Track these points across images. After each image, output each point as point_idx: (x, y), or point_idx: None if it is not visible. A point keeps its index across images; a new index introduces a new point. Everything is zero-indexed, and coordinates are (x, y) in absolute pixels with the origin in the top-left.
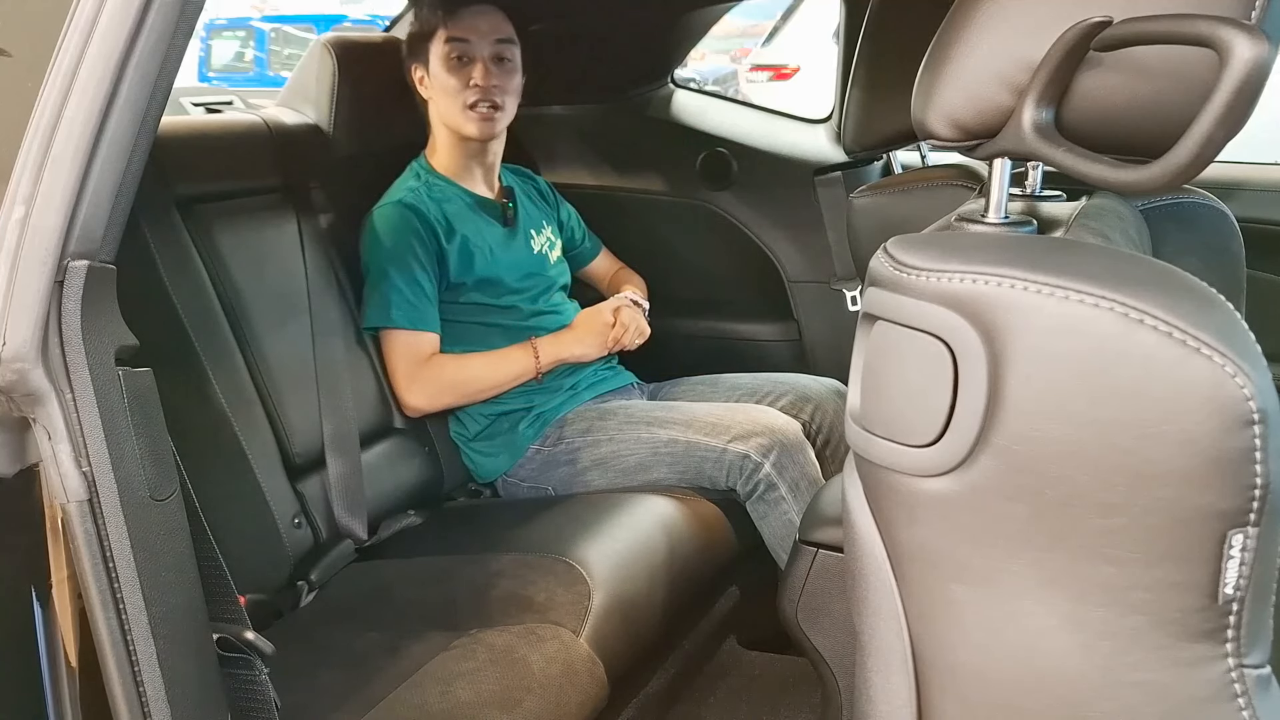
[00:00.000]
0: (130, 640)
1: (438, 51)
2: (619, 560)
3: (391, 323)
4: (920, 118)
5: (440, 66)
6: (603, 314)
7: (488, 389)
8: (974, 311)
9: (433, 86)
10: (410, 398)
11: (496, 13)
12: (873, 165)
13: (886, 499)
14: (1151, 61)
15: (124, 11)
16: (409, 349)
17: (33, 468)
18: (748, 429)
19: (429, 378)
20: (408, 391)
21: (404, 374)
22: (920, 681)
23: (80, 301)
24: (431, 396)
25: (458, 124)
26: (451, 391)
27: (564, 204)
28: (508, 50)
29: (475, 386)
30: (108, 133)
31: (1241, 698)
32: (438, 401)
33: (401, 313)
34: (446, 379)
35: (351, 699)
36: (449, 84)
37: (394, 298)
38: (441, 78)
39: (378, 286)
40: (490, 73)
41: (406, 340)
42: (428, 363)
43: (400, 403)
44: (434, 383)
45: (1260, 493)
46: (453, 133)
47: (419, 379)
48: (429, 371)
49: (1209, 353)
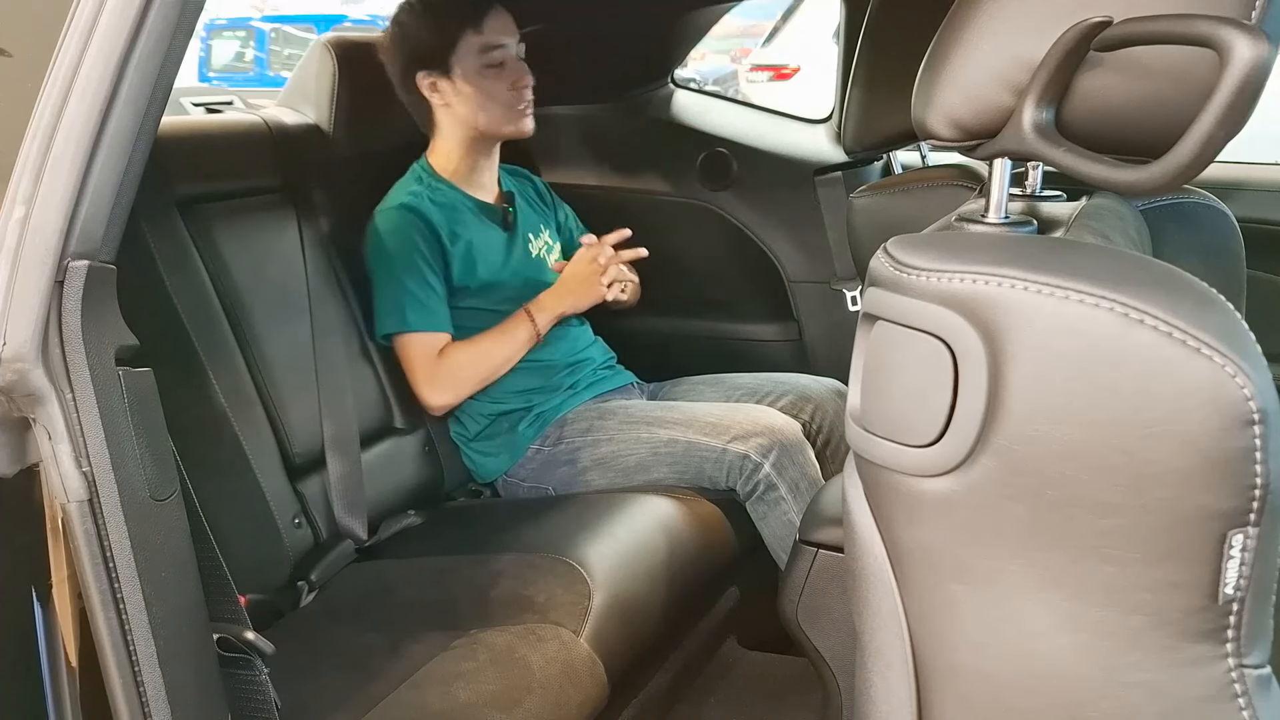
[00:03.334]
0: (130, 640)
1: (471, 58)
2: (619, 560)
3: (407, 326)
4: (920, 118)
5: (476, 73)
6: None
7: (500, 365)
8: (974, 311)
9: (458, 92)
10: (433, 398)
11: (505, 11)
12: (873, 165)
13: (887, 499)
14: (1151, 61)
15: (124, 12)
16: (425, 350)
17: (33, 468)
18: (748, 429)
19: (446, 373)
20: (430, 392)
21: (423, 375)
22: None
23: (80, 301)
24: (455, 390)
25: (494, 126)
26: (471, 379)
27: (561, 205)
28: (523, 48)
29: (490, 367)
30: (108, 133)
31: (1241, 698)
32: (461, 393)
33: (416, 315)
34: (463, 370)
35: (352, 699)
36: (495, 88)
37: (407, 301)
38: (483, 83)
39: (389, 292)
40: (527, 71)
41: (422, 342)
42: (441, 360)
43: (424, 404)
44: (452, 377)
45: (1260, 493)
46: (474, 136)
47: (438, 377)
48: (445, 368)
49: (1209, 353)
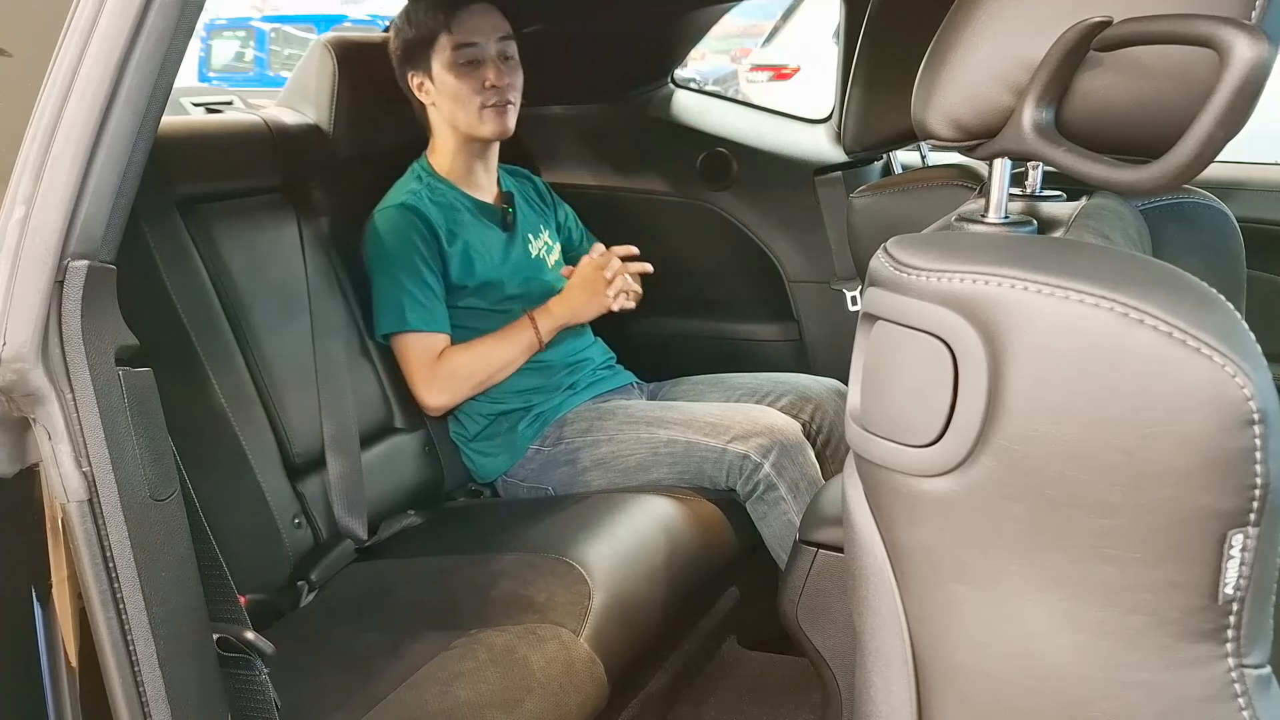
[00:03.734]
0: (130, 640)
1: (443, 56)
2: (619, 560)
3: (407, 326)
4: (920, 118)
5: (448, 71)
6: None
7: (499, 370)
8: (974, 311)
9: (439, 91)
10: (430, 398)
11: (493, 10)
12: (873, 165)
13: (887, 499)
14: (1151, 61)
15: (124, 12)
16: (424, 351)
17: (33, 468)
18: (747, 429)
19: (444, 375)
20: (427, 393)
21: (421, 376)
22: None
23: (80, 301)
24: (452, 392)
25: (472, 126)
26: (469, 382)
27: (562, 205)
28: (510, 47)
29: (488, 371)
30: (108, 133)
31: (1241, 698)
32: (458, 395)
33: (416, 315)
34: (462, 372)
35: (351, 699)
36: (461, 88)
37: (406, 301)
38: (451, 83)
39: (388, 292)
40: (501, 72)
41: (420, 342)
42: (439, 361)
43: (422, 405)
44: (450, 378)
45: (1260, 493)
46: (461, 136)
47: (436, 378)
48: (443, 369)
49: (1209, 353)
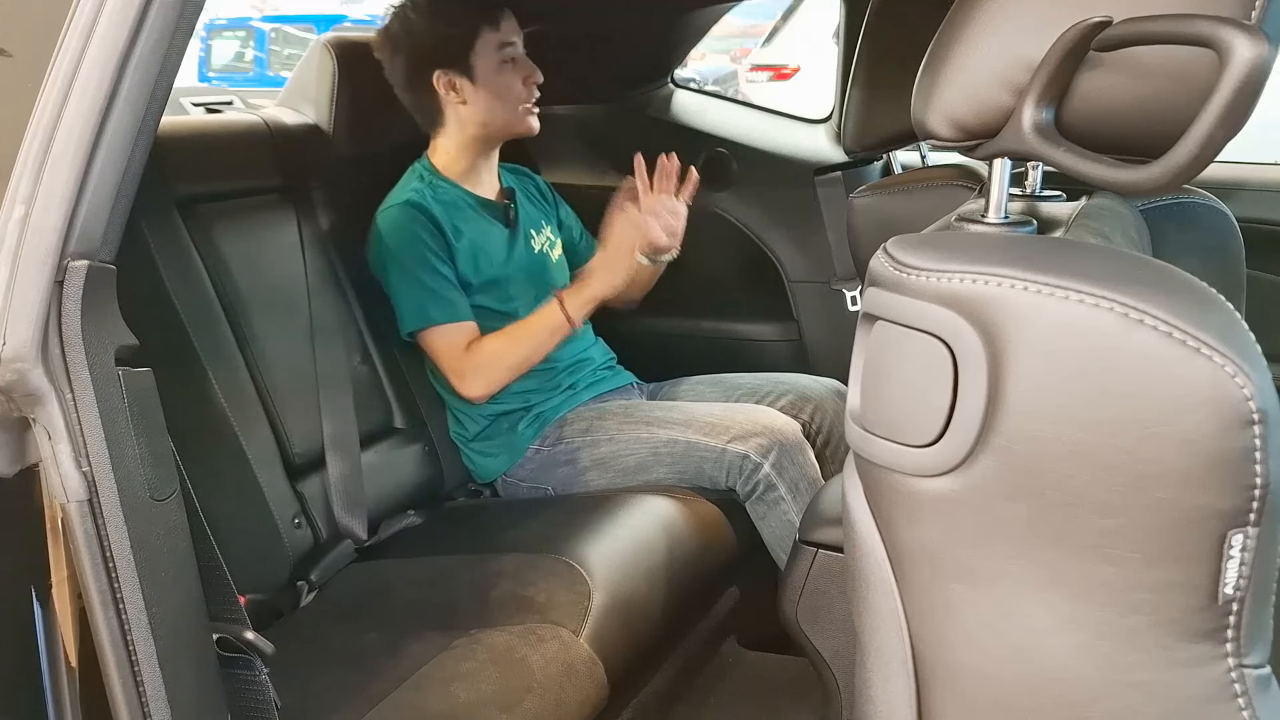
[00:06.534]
0: (130, 640)
1: (488, 56)
2: (619, 560)
3: (431, 321)
4: (920, 118)
5: (492, 70)
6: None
7: (531, 352)
8: (974, 311)
9: (479, 90)
10: (467, 389)
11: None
12: (873, 165)
13: (887, 499)
14: (1151, 61)
15: (124, 11)
16: (453, 342)
17: (33, 468)
18: (747, 429)
19: (476, 363)
20: (462, 383)
21: (454, 368)
22: (920, 682)
23: (80, 301)
24: (486, 379)
25: (511, 124)
26: (500, 366)
27: (563, 203)
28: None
29: (520, 354)
30: (108, 133)
31: (1241, 698)
32: (494, 381)
33: (438, 310)
34: (493, 358)
35: (351, 699)
36: (508, 87)
37: (426, 297)
38: (497, 82)
39: (405, 290)
40: (536, 69)
41: (447, 335)
42: (470, 350)
43: (460, 395)
44: (485, 366)
45: (1260, 493)
46: (482, 134)
47: (470, 367)
48: (473, 359)
49: (1209, 353)
